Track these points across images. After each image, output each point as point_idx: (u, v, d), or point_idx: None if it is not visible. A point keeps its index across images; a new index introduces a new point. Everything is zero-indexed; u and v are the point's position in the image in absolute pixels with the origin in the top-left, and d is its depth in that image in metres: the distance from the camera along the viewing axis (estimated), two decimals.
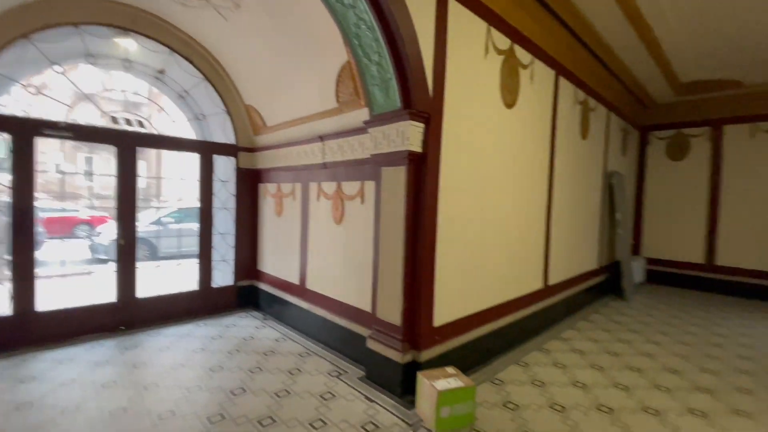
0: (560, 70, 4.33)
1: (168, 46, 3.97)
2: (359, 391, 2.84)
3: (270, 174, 4.61)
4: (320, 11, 2.90)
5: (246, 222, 4.79)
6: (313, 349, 3.59)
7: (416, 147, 2.75)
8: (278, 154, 4.39)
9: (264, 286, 4.68)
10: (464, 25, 3.00)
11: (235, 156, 4.66)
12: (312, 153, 3.90)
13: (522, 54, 3.68)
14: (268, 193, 4.67)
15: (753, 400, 2.82)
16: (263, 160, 4.67)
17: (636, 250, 7.18)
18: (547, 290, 4.38)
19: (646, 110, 6.84)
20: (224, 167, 4.68)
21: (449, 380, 2.53)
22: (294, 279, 4.18)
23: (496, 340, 3.54)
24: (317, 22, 3.07)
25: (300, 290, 4.08)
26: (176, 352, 3.42)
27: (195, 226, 4.67)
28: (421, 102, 2.72)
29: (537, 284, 4.20)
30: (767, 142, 5.89)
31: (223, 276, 4.71)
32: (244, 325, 4.21)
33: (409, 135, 2.71)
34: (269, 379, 2.98)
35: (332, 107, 3.54)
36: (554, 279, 4.52)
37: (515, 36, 3.56)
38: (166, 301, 4.21)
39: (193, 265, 4.67)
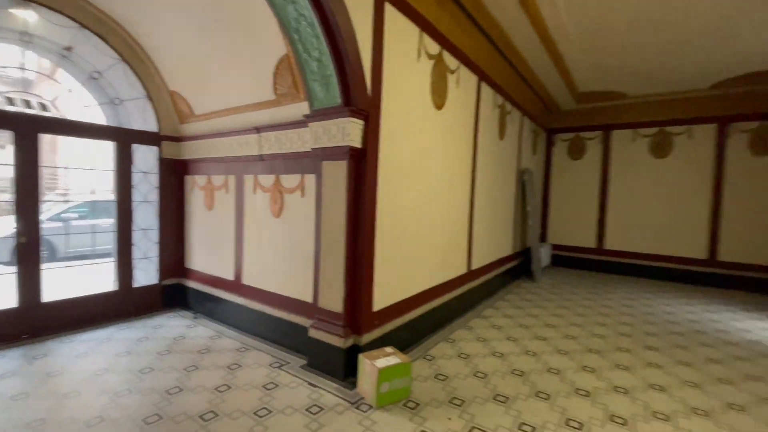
0: (482, 76, 4.78)
1: (77, 21, 3.55)
2: (302, 379, 2.93)
3: (199, 165, 4.39)
4: (258, 1, 2.88)
5: (171, 216, 4.51)
6: (252, 343, 3.57)
7: (356, 143, 2.89)
8: (209, 145, 4.21)
9: (193, 284, 4.46)
10: (399, 29, 3.20)
11: (158, 145, 4.34)
12: (247, 144, 3.82)
13: (450, 60, 4.01)
14: (196, 185, 4.44)
15: (630, 357, 3.51)
16: (191, 151, 4.42)
17: (543, 237, 8.20)
18: (470, 274, 4.86)
19: (552, 115, 7.81)
20: (145, 157, 4.34)
21: (388, 359, 2.74)
22: (228, 275, 4.07)
23: (428, 320, 3.87)
24: (254, 11, 3.03)
25: (235, 286, 3.99)
26: (97, 358, 3.15)
27: (110, 221, 4.27)
28: (361, 100, 2.86)
29: (462, 269, 4.64)
30: (645, 145, 7.12)
31: (147, 275, 4.39)
32: (173, 325, 3.99)
33: (350, 131, 2.84)
34: (207, 376, 2.93)
35: (269, 99, 3.51)
36: (476, 264, 5.03)
37: (444, 42, 3.86)
38: (80, 304, 3.81)
39: (110, 265, 4.27)
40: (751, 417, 2.55)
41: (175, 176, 4.52)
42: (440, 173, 4.01)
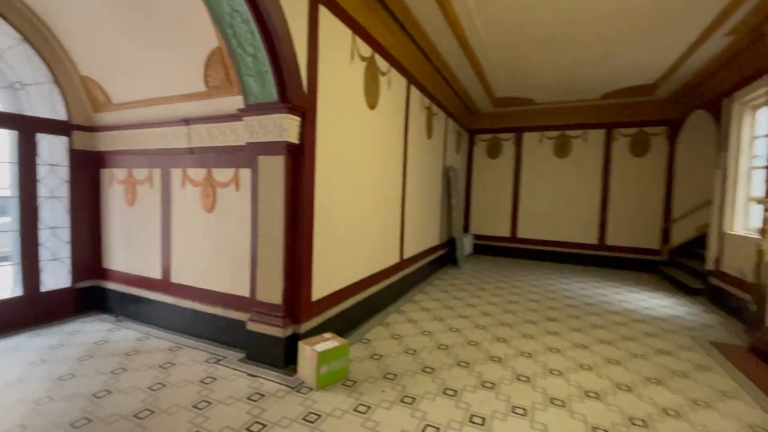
0: (411, 79, 5.12)
1: None
2: (241, 371, 2.98)
3: (117, 158, 4.10)
4: None
5: (85, 213, 4.14)
6: (184, 342, 3.48)
7: (294, 138, 3.00)
8: (129, 136, 3.95)
9: (114, 285, 4.17)
10: (333, 30, 3.36)
11: (68, 135, 3.96)
12: (174, 137, 3.68)
13: (381, 62, 4.26)
14: (115, 179, 4.14)
15: (535, 328, 4.11)
16: (108, 142, 4.10)
17: (466, 228, 8.95)
18: (402, 263, 5.21)
19: (473, 117, 8.53)
20: (52, 148, 3.92)
21: (327, 343, 2.92)
22: (155, 274, 3.90)
23: (364, 307, 4.11)
24: (184, 0, 2.96)
25: (163, 285, 3.84)
26: (7, 368, 2.86)
27: (6, 219, 3.81)
28: (297, 97, 2.97)
29: (395, 259, 4.97)
30: (550, 146, 8.12)
31: (57, 278, 4.00)
32: (91, 330, 3.72)
33: (287, 127, 2.94)
34: (138, 377, 2.84)
35: (200, 91, 3.44)
36: (408, 254, 5.41)
37: (376, 46, 4.10)
38: None
39: (9, 268, 3.81)
40: (625, 369, 3.20)
41: (88, 170, 4.16)
42: (374, 169, 4.26)
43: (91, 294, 4.20)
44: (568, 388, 2.83)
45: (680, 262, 6.55)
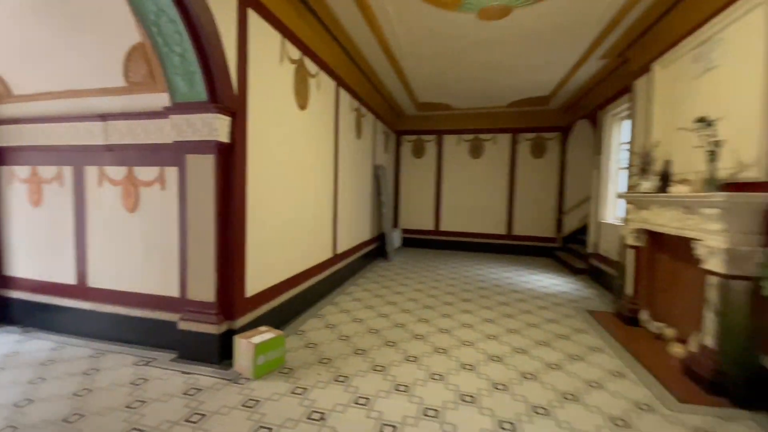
0: (340, 82, 5.37)
1: None
2: (174, 370, 2.99)
3: (19, 154, 3.72)
4: None
5: None
6: (107, 348, 3.34)
7: (224, 138, 3.07)
8: (33, 131, 3.62)
9: (18, 294, 3.79)
10: (262, 34, 3.47)
11: None
12: (89, 133, 3.48)
13: (310, 65, 4.44)
14: (16, 178, 3.76)
15: (452, 308, 4.65)
16: (7, 137, 3.70)
17: (396, 223, 9.47)
18: (335, 258, 5.46)
19: (400, 119, 9.05)
20: None
21: (263, 335, 3.07)
22: (69, 279, 3.64)
23: (298, 301, 4.29)
24: None
25: (79, 291, 3.61)
26: None
27: None
28: (227, 97, 3.05)
29: (328, 254, 5.20)
30: (466, 148, 8.95)
31: None
32: None
33: (217, 126, 3.00)
34: (61, 384, 2.71)
35: (119, 86, 3.31)
36: (341, 249, 5.67)
37: (305, 49, 4.27)
38: None
39: None
40: (521, 336, 3.83)
41: None
42: (306, 167, 4.44)
43: None
44: (476, 355, 3.36)
45: (570, 247, 7.78)
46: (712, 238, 2.75)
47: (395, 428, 2.31)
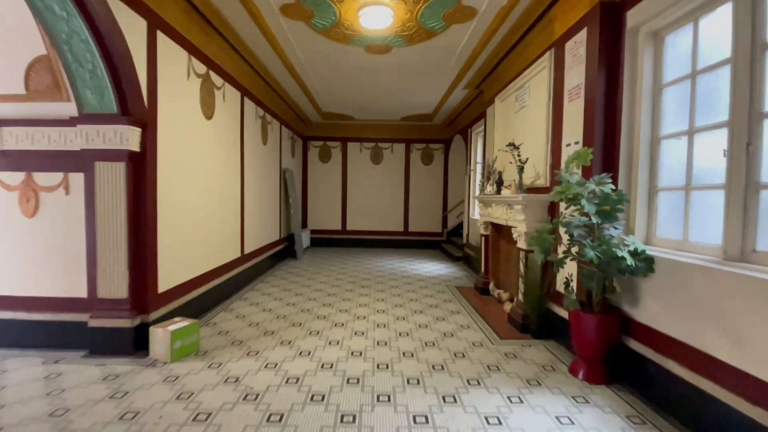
0: (245, 92, 5.79)
1: None
2: (87, 363, 3.19)
3: None
4: None
5: None
6: (7, 354, 3.33)
7: (135, 147, 3.38)
8: None
9: None
10: (170, 52, 3.82)
11: None
12: None
13: (216, 78, 4.83)
14: None
15: (352, 293, 5.46)
16: None
17: (304, 224, 10.01)
18: (244, 258, 5.86)
19: (306, 126, 9.63)
20: None
21: (178, 324, 3.45)
22: None
23: (209, 297, 4.65)
24: (4, 5, 2.96)
25: None
26: None
27: None
28: (138, 110, 3.38)
29: (236, 253, 5.59)
30: (367, 154, 9.93)
31: None
32: None
33: (128, 137, 3.31)
34: None
35: (18, 93, 3.35)
36: (249, 249, 6.07)
37: (210, 64, 4.65)
38: None
39: None
40: (403, 308, 4.80)
41: None
42: (213, 172, 4.81)
43: None
44: (367, 325, 4.20)
45: (452, 240, 9.29)
46: (519, 224, 4.02)
47: (298, 379, 2.98)
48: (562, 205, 3.34)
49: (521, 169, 4.13)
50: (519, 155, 4.14)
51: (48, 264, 3.49)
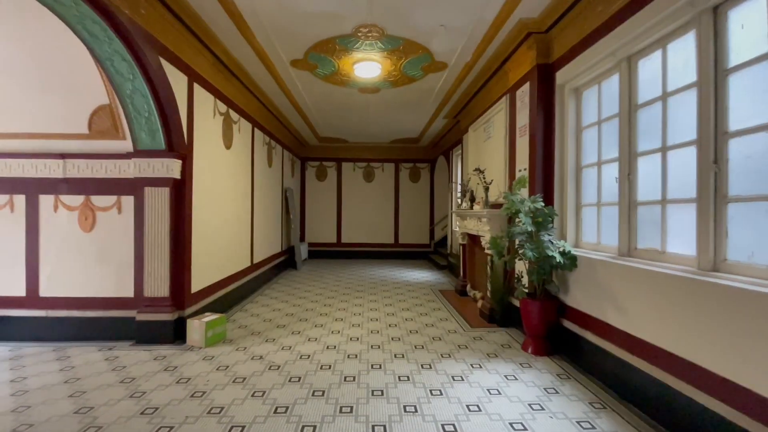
0: (255, 123, 6.72)
1: None
2: (137, 349, 3.98)
3: None
4: (83, 57, 3.77)
5: None
6: (64, 345, 4.09)
7: (177, 175, 4.25)
8: None
9: None
10: (202, 98, 4.74)
11: None
12: (46, 167, 4.27)
13: (233, 114, 5.76)
14: None
15: (349, 297, 6.29)
16: None
17: (303, 237, 10.85)
18: (253, 266, 6.68)
19: (304, 148, 10.58)
20: None
21: (210, 317, 4.27)
22: (18, 291, 4.26)
23: (228, 298, 5.45)
24: (76, 61, 3.84)
25: (30, 301, 4.25)
26: None
27: None
28: (180, 146, 4.26)
29: (247, 262, 6.41)
30: (360, 174, 10.88)
31: None
32: None
33: (173, 167, 4.19)
34: (42, 367, 3.49)
35: (82, 132, 4.22)
36: (257, 259, 6.90)
37: (229, 103, 5.58)
38: None
39: None
40: (393, 308, 5.65)
41: None
42: (230, 193, 5.68)
43: None
44: (362, 319, 5.04)
45: (439, 250, 10.20)
46: (486, 234, 4.94)
47: (309, 356, 3.81)
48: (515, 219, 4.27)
49: (486, 189, 5.08)
50: (484, 178, 5.10)
51: (101, 270, 4.30)
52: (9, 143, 4.24)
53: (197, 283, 4.64)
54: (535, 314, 3.77)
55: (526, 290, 3.99)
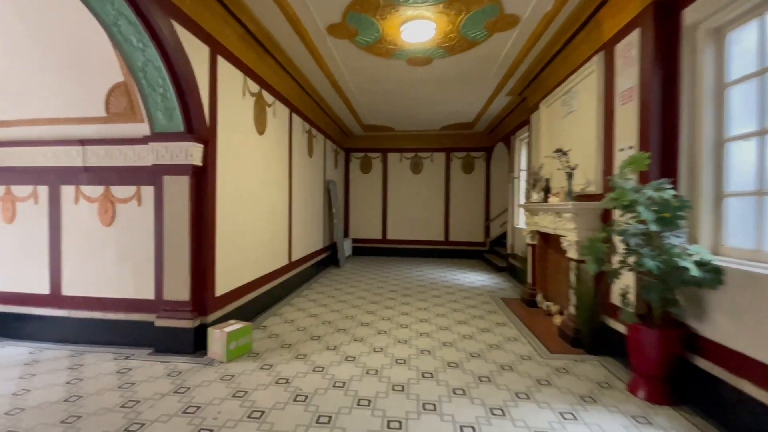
0: (293, 108, 6.11)
1: None
2: (153, 360, 3.48)
3: None
4: (95, 32, 3.28)
5: None
6: (83, 350, 3.71)
7: (198, 162, 3.69)
8: (8, 153, 3.95)
9: None
10: (228, 74, 4.14)
11: None
12: (67, 156, 3.90)
13: (267, 96, 5.15)
14: None
15: (394, 302, 5.49)
16: None
17: (346, 233, 10.23)
18: (291, 265, 6.10)
19: (348, 138, 9.92)
20: None
21: (233, 326, 3.67)
22: (42, 289, 3.96)
23: (260, 301, 4.89)
24: (89, 40, 3.38)
25: (53, 299, 3.94)
26: None
27: None
28: (201, 129, 3.69)
29: (284, 261, 5.84)
30: (407, 164, 10.02)
31: None
32: None
33: (192, 152, 3.62)
34: (51, 377, 3.10)
35: (99, 115, 3.79)
36: (296, 256, 6.32)
37: (262, 83, 4.98)
38: None
39: None
40: (446, 318, 4.76)
41: None
42: (265, 184, 5.10)
43: None
44: (410, 333, 4.21)
45: (496, 249, 9.06)
46: (570, 233, 3.88)
47: (344, 383, 3.05)
48: (617, 213, 3.19)
49: (570, 176, 4.00)
50: (568, 161, 4.01)
51: (121, 269, 3.86)
52: (30, 130, 3.92)
53: (223, 286, 4.08)
54: (653, 346, 2.70)
55: (633, 311, 2.91)
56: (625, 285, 3.14)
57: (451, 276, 7.53)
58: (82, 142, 3.85)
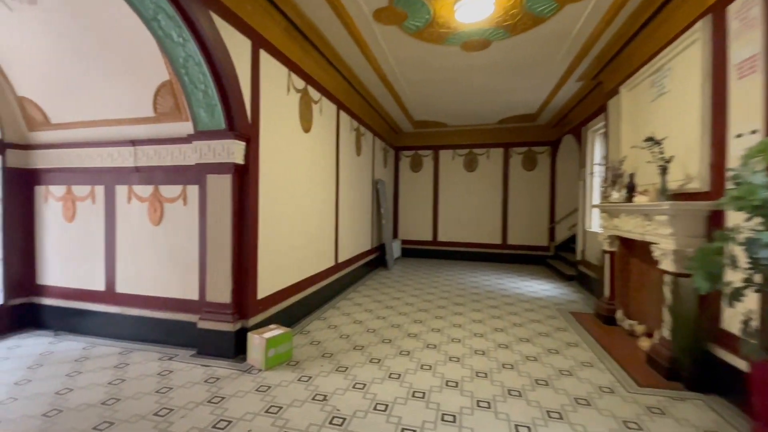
0: (340, 105, 5.89)
1: None
2: (194, 363, 3.39)
3: (54, 175, 4.22)
4: (141, 31, 3.25)
5: (18, 231, 4.17)
6: (132, 347, 3.74)
7: (240, 160, 3.55)
8: (69, 154, 4.13)
9: (50, 301, 4.23)
10: (272, 70, 3.98)
11: (2, 154, 4.01)
12: (120, 156, 3.98)
13: (313, 93, 4.95)
14: (51, 196, 4.24)
15: (445, 311, 5.03)
16: (44, 160, 4.21)
17: (395, 234, 9.89)
18: (337, 266, 5.88)
19: (397, 136, 9.57)
20: None
21: (273, 332, 3.48)
22: (98, 286, 4.09)
23: (303, 305, 4.70)
24: (137, 39, 3.36)
25: (108, 296, 4.05)
26: None
27: None
28: (243, 126, 3.54)
29: (330, 262, 5.63)
30: (461, 162, 9.43)
31: None
32: (31, 344, 3.80)
33: (234, 150, 3.48)
34: (96, 376, 3.12)
35: (148, 116, 3.81)
36: (342, 258, 6.09)
37: (308, 79, 4.79)
38: None
39: None
40: (506, 334, 4.21)
41: (21, 187, 4.20)
42: (310, 184, 4.91)
43: (25, 311, 4.21)
44: (463, 349, 3.74)
45: (562, 255, 8.15)
46: (664, 240, 3.16)
47: (387, 406, 2.69)
48: (736, 216, 2.47)
49: (664, 170, 3.27)
50: (661, 152, 3.29)
51: (168, 268, 3.85)
52: (88, 132, 4.07)
53: (265, 288, 3.92)
54: None
55: (761, 344, 2.20)
56: (747, 309, 2.42)
57: (509, 283, 6.86)
58: (134, 142, 3.91)
